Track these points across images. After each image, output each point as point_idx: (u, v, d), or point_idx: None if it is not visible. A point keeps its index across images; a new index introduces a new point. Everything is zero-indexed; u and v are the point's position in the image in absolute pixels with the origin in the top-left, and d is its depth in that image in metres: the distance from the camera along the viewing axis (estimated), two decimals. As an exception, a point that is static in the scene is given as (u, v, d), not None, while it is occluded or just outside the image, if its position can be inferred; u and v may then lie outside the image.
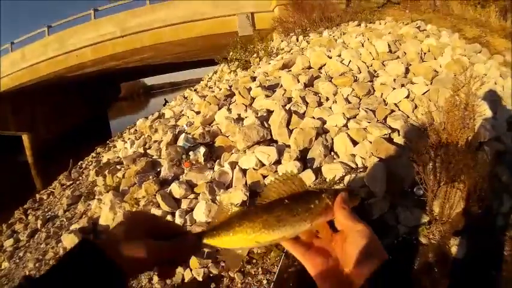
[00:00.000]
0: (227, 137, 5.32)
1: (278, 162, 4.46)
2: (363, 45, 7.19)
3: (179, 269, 3.66)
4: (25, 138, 19.52)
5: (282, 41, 10.83)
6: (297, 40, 10.11)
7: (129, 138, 8.08)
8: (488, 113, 4.87)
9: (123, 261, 0.61)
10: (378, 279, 0.62)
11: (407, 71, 6.15)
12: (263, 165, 4.46)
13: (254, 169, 4.43)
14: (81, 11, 17.88)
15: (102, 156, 9.48)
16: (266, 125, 5.06)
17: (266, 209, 0.73)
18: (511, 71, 6.16)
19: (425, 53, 6.82)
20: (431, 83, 5.66)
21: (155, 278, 3.65)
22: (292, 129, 4.82)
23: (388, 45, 6.90)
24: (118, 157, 7.40)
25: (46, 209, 7.41)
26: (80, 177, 8.88)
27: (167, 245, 0.67)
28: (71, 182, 8.75)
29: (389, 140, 4.50)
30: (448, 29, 8.42)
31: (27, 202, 8.44)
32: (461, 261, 3.49)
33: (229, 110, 5.99)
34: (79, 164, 10.70)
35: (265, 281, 3.40)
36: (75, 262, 0.59)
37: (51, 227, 6.02)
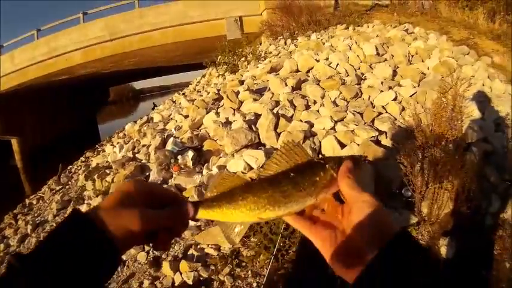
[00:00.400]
0: (215, 140, 5.32)
1: (266, 165, 4.45)
2: (350, 49, 7.24)
3: (169, 273, 3.65)
4: (14, 142, 19.25)
5: (270, 44, 10.89)
6: (285, 44, 10.17)
7: (118, 143, 8.03)
8: (476, 114, 4.94)
9: (115, 232, 0.59)
10: (388, 254, 0.56)
11: (394, 73, 6.20)
12: (251, 168, 4.46)
13: (242, 172, 4.43)
14: (71, 14, 17.69)
15: (91, 160, 9.39)
16: (254, 129, 5.06)
17: (271, 183, 0.69)
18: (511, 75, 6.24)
19: (412, 56, 6.89)
20: (418, 85, 5.72)
21: (146, 282, 3.61)
22: (280, 133, 4.84)
23: (376, 48, 6.96)
24: (107, 161, 7.34)
25: (36, 214, 7.32)
26: (69, 182, 8.79)
27: (161, 213, 0.65)
28: (60, 187, 8.65)
29: (377, 142, 4.53)
30: (436, 31, 8.51)
31: (17, 207, 8.32)
32: (450, 261, 3.52)
33: (217, 113, 5.98)
34: (68, 168, 10.61)
35: (255, 284, 3.39)
36: (64, 235, 0.57)
37: (41, 231, 5.95)
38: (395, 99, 5.29)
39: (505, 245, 3.84)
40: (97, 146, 12.98)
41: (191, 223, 4.14)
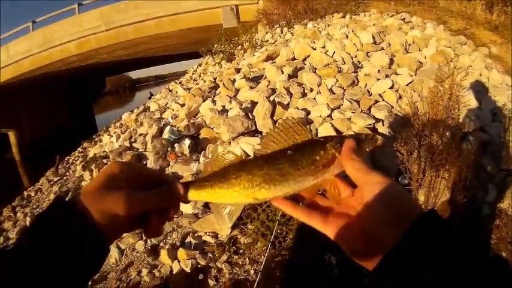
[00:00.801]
0: (212, 128, 5.31)
1: (262, 152, 4.45)
2: (347, 37, 7.21)
3: (167, 261, 3.65)
4: (11, 135, 19.23)
5: (266, 33, 10.85)
6: (282, 32, 10.11)
7: (115, 132, 8.00)
8: (473, 104, 4.94)
9: (99, 218, 0.56)
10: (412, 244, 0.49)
11: (391, 62, 6.19)
12: (248, 156, 4.44)
13: None
14: (66, 6, 17.56)
15: (89, 151, 9.37)
16: (250, 116, 5.06)
17: (267, 161, 0.65)
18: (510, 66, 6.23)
19: (409, 45, 6.87)
20: (415, 74, 5.71)
21: (144, 271, 3.62)
22: (277, 120, 4.83)
23: (373, 36, 6.94)
24: (104, 151, 7.34)
25: (34, 206, 7.31)
26: (67, 173, 8.75)
27: (148, 195, 0.61)
28: (58, 178, 8.61)
29: (374, 130, 4.53)
30: (433, 21, 8.46)
31: (16, 200, 8.29)
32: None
33: (213, 102, 5.97)
34: (66, 159, 10.56)
35: (252, 271, 3.40)
36: (45, 223, 0.54)
37: None
38: (392, 87, 5.29)
39: (502, 235, 3.87)
40: (94, 136, 12.92)
41: (187, 210, 4.15)
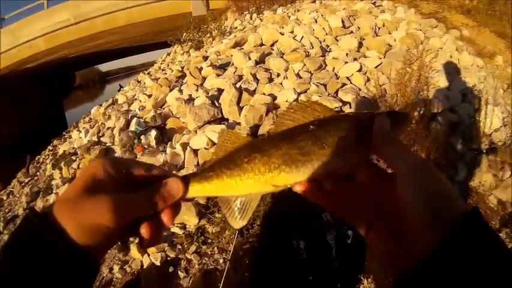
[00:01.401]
0: (178, 118, 5.21)
1: (229, 139, 4.39)
2: (316, 21, 7.14)
3: (137, 255, 3.60)
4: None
5: (235, 19, 10.72)
6: (251, 18, 9.98)
7: (84, 128, 7.79)
8: (443, 85, 4.99)
9: (77, 231, 0.45)
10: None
11: (360, 45, 6.16)
12: (214, 144, 4.37)
13: (205, 148, 4.37)
14: (35, 1, 17.06)
15: (59, 148, 9.09)
16: (217, 104, 4.99)
17: (285, 138, 0.54)
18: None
19: (379, 28, 6.85)
20: (384, 57, 5.70)
21: (115, 268, 3.56)
22: (243, 107, 4.77)
23: (342, 20, 6.88)
24: (73, 148, 7.13)
25: (7, 210, 7.03)
26: (38, 173, 8.51)
27: (139, 196, 0.50)
28: (29, 179, 8.36)
29: (341, 112, 4.51)
30: (405, 4, 8.44)
31: (-12, 204, 8.05)
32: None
33: (180, 91, 5.85)
34: (36, 158, 10.27)
35: (221, 260, 3.38)
36: (16, 245, 0.44)
37: (12, 227, 5.74)
38: (360, 70, 5.26)
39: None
40: (64, 133, 12.57)
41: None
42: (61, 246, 0.44)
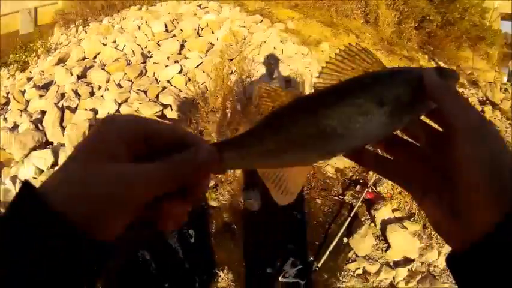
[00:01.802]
0: (4, 150, 4.82)
1: (56, 164, 4.24)
2: (139, 28, 7.23)
3: None
4: None
5: (62, 34, 10.15)
6: (77, 31, 9.60)
7: None
8: (267, 74, 5.45)
9: (89, 213, 0.35)
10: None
11: (182, 47, 6.40)
12: (42, 171, 4.21)
13: (34, 178, 4.11)
14: None
15: None
16: (41, 128, 4.77)
17: (339, 94, 0.44)
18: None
19: (202, 29, 7.15)
20: (206, 56, 6.01)
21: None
22: (65, 127, 4.65)
23: (165, 25, 7.07)
24: None
25: None
26: None
27: (167, 167, 0.39)
28: None
29: (162, 116, 4.71)
30: (230, 4, 8.72)
31: None
32: (257, 212, 3.78)
33: (5, 119, 5.40)
34: None
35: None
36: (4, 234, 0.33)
37: None
38: (180, 71, 5.51)
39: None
40: None
41: None
42: (59, 230, 0.33)
